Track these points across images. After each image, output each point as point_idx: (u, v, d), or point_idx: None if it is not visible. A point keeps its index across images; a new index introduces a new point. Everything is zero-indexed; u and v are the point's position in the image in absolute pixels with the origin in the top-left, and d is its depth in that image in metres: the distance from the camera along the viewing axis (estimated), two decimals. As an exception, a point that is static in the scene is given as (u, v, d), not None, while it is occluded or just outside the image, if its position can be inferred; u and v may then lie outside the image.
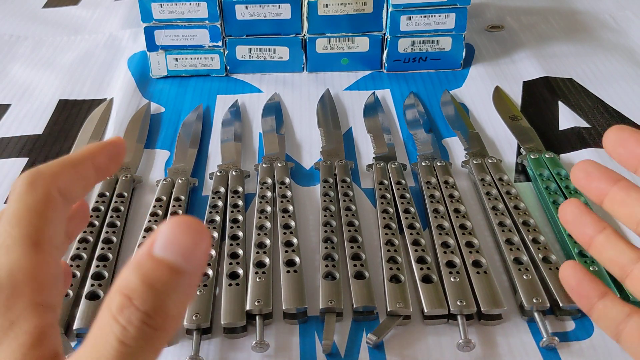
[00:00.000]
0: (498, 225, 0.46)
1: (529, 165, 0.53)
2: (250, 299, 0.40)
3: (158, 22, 0.66)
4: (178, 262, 0.20)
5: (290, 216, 0.47)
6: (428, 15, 0.66)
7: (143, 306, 0.19)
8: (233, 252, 0.44)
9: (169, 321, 0.20)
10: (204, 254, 0.20)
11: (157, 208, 0.49)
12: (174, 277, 0.20)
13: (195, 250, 0.20)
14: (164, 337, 0.20)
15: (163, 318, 0.19)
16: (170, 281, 0.19)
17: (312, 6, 0.65)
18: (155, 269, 0.19)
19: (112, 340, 0.19)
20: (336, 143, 0.58)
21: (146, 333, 0.19)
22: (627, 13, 0.82)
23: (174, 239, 0.20)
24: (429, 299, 0.40)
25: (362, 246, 0.44)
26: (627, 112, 0.62)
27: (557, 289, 0.40)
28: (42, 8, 0.90)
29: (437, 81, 0.69)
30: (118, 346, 0.19)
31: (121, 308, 0.19)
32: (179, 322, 0.21)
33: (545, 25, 0.80)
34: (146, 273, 0.19)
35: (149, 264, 0.20)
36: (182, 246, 0.20)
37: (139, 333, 0.19)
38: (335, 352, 0.39)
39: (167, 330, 0.20)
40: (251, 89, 0.69)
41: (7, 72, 0.73)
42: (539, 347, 0.39)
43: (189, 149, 0.57)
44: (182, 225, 0.20)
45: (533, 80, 0.68)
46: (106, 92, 0.69)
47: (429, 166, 0.53)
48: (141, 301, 0.19)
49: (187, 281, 0.20)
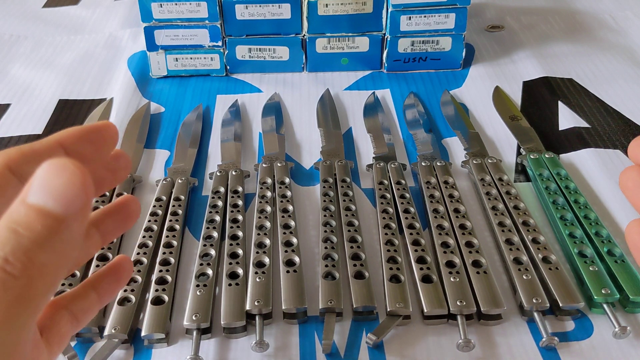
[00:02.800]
0: (498, 225, 0.46)
1: (528, 165, 0.53)
2: (250, 299, 0.40)
3: (158, 22, 0.66)
4: (49, 205, 0.18)
5: (290, 216, 0.47)
6: (428, 15, 0.66)
7: (1, 251, 0.18)
8: (233, 252, 0.44)
9: (33, 268, 0.18)
10: (79, 195, 0.18)
11: (157, 208, 0.49)
12: (43, 221, 0.18)
13: (69, 192, 0.18)
14: (31, 288, 0.18)
15: (24, 264, 0.18)
16: (39, 226, 0.18)
17: (312, 6, 0.65)
18: (22, 213, 0.18)
19: None
20: (336, 143, 0.58)
21: (4, 280, 0.17)
22: (627, 13, 0.82)
23: (45, 182, 0.18)
24: (429, 299, 0.40)
25: (362, 246, 0.44)
26: (627, 112, 0.62)
27: (557, 289, 0.40)
28: (42, 8, 0.90)
29: (437, 81, 0.69)
30: None
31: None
32: (52, 272, 0.19)
33: (545, 25, 0.80)
34: (12, 219, 0.18)
35: (18, 209, 0.18)
36: (53, 189, 0.18)
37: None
38: (335, 352, 0.39)
39: (32, 277, 0.18)
40: (251, 88, 0.69)
41: (7, 72, 0.73)
42: (538, 347, 0.39)
43: (188, 149, 0.57)
44: (54, 168, 0.18)
45: (533, 80, 0.68)
46: (106, 92, 0.69)
47: (429, 166, 0.53)
48: (0, 246, 0.18)
49: (62, 226, 0.18)
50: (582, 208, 0.47)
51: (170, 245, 0.45)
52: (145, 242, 0.45)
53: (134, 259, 0.44)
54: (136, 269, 0.43)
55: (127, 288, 0.41)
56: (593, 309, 0.41)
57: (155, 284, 0.42)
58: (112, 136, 0.24)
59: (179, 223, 0.47)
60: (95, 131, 0.23)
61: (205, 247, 0.45)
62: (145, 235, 0.46)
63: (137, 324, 0.41)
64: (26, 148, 0.22)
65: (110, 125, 0.24)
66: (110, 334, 0.39)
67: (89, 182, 0.19)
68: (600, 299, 0.40)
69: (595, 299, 0.40)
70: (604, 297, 0.40)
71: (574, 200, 0.48)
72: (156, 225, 0.47)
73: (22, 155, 0.21)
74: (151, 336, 0.39)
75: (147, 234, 0.46)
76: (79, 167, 0.18)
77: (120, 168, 0.25)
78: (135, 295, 0.41)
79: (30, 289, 0.18)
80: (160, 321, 0.39)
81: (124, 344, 0.39)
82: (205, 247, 0.45)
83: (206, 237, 0.46)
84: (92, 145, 0.23)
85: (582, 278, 0.42)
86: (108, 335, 0.39)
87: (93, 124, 0.23)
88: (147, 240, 0.46)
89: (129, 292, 0.41)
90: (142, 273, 0.43)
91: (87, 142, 0.23)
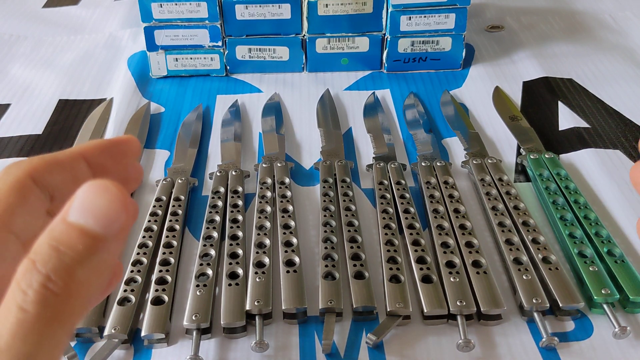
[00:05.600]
0: (498, 225, 0.46)
1: (528, 166, 0.53)
2: (250, 299, 0.40)
3: (158, 22, 0.66)
4: (89, 225, 0.19)
5: (290, 216, 0.47)
6: (428, 15, 0.66)
7: (44, 268, 0.18)
8: (233, 252, 0.44)
9: (74, 286, 0.18)
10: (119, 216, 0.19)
11: (157, 208, 0.49)
12: (84, 241, 0.19)
13: (110, 213, 0.19)
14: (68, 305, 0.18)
15: (66, 282, 0.18)
16: (79, 244, 0.18)
17: (312, 6, 0.65)
18: (64, 232, 0.18)
19: (12, 306, 0.17)
20: (336, 143, 0.58)
21: (46, 297, 0.18)
22: (627, 13, 0.82)
23: (86, 202, 0.19)
24: (429, 299, 0.40)
25: (361, 246, 0.44)
26: (627, 112, 0.62)
27: (557, 289, 0.40)
28: (42, 8, 0.90)
29: (437, 81, 0.69)
30: (17, 312, 0.17)
31: (24, 272, 0.18)
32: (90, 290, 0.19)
33: (545, 26, 0.80)
34: (54, 236, 0.18)
35: (59, 228, 0.19)
36: (95, 209, 0.19)
37: (38, 297, 0.18)
38: (335, 352, 0.39)
39: (72, 296, 0.18)
40: (251, 89, 0.69)
41: (7, 72, 0.73)
42: (538, 347, 0.39)
43: (188, 149, 0.57)
44: (96, 189, 0.19)
45: (533, 80, 0.68)
46: (106, 92, 0.69)
47: (429, 166, 0.53)
48: (43, 263, 0.18)
49: (101, 246, 0.19)
50: (582, 208, 0.47)
51: (170, 246, 0.45)
52: (145, 242, 0.45)
53: (133, 259, 0.44)
54: (136, 269, 0.43)
55: (127, 288, 0.41)
56: (593, 309, 0.41)
57: (155, 284, 0.42)
58: (134, 151, 0.24)
59: (179, 223, 0.47)
60: (117, 145, 0.24)
61: (205, 247, 0.45)
62: (145, 235, 0.46)
63: (137, 324, 0.41)
64: (50, 158, 0.22)
65: (132, 140, 0.24)
66: (110, 334, 0.39)
67: (129, 204, 0.19)
68: (600, 299, 0.40)
69: (595, 299, 0.40)
70: (604, 297, 0.40)
71: (574, 201, 0.48)
72: (156, 225, 0.47)
73: (46, 164, 0.22)
74: (151, 336, 0.39)
75: (147, 234, 0.46)
76: (120, 190, 0.19)
77: (131, 179, 0.25)
78: (135, 295, 0.41)
79: (68, 307, 0.18)
80: (160, 321, 0.39)
81: (124, 344, 0.39)
82: (205, 247, 0.45)
83: (206, 237, 0.46)
84: (113, 158, 0.24)
85: (582, 278, 0.42)
86: (108, 335, 0.39)
87: (116, 137, 0.24)
88: (147, 240, 0.46)
89: (129, 292, 0.41)
90: (142, 273, 0.43)
91: (109, 156, 0.23)
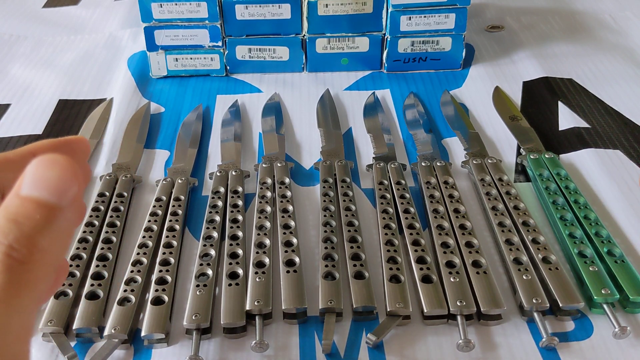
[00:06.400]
0: (498, 225, 0.46)
1: (528, 166, 0.53)
2: (250, 299, 0.40)
3: (158, 22, 0.66)
4: (44, 196, 0.20)
5: (290, 216, 0.47)
6: (428, 15, 0.66)
7: (6, 239, 0.19)
8: (233, 252, 0.44)
9: (38, 254, 0.20)
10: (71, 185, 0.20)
11: (157, 208, 0.49)
12: (41, 212, 0.20)
13: (61, 183, 0.20)
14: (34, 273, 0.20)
15: (30, 249, 0.19)
16: (37, 215, 0.20)
17: (312, 6, 0.65)
18: (19, 205, 0.20)
19: None
20: (336, 143, 0.58)
21: (11, 266, 0.19)
22: (627, 13, 0.82)
23: (37, 175, 0.20)
24: (429, 299, 0.40)
25: (361, 246, 0.44)
26: (627, 112, 0.62)
27: (557, 289, 0.40)
28: (42, 8, 0.90)
29: (437, 81, 0.69)
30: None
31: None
32: (53, 257, 0.20)
33: (545, 26, 0.80)
34: (10, 211, 0.20)
35: (14, 202, 0.20)
36: (47, 181, 0.20)
37: (3, 266, 0.19)
38: (335, 352, 0.39)
39: (36, 262, 0.20)
40: (251, 89, 0.69)
41: (7, 72, 0.73)
42: (538, 347, 0.39)
43: (188, 149, 0.57)
44: (45, 162, 0.20)
45: (533, 80, 0.68)
46: (106, 92, 0.69)
47: (429, 166, 0.53)
48: (4, 235, 0.19)
49: (58, 214, 0.20)
50: (582, 208, 0.47)
51: (170, 246, 0.45)
52: (145, 242, 0.45)
53: (133, 259, 0.44)
54: (136, 269, 0.43)
55: (127, 288, 0.41)
56: (593, 309, 0.41)
57: (155, 284, 0.42)
58: (84, 150, 0.25)
59: (179, 223, 0.47)
60: (67, 144, 0.24)
61: (205, 247, 0.45)
62: (145, 235, 0.46)
63: (137, 324, 0.41)
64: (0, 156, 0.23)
65: (82, 140, 0.25)
66: (110, 334, 0.39)
67: (78, 172, 0.21)
68: (600, 299, 0.40)
69: (595, 299, 0.40)
70: (604, 297, 0.40)
71: (574, 201, 0.48)
72: (156, 225, 0.47)
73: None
74: (151, 336, 0.39)
75: (147, 234, 0.46)
76: (68, 160, 0.20)
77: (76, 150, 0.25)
78: (135, 296, 0.41)
79: (34, 274, 0.20)
80: (160, 321, 0.39)
81: (124, 344, 0.39)
82: (205, 247, 0.45)
83: (206, 237, 0.46)
84: None
85: (582, 278, 0.42)
86: (108, 335, 0.39)
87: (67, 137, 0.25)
88: (147, 240, 0.46)
89: (129, 292, 0.41)
90: (142, 273, 0.43)
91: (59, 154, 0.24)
